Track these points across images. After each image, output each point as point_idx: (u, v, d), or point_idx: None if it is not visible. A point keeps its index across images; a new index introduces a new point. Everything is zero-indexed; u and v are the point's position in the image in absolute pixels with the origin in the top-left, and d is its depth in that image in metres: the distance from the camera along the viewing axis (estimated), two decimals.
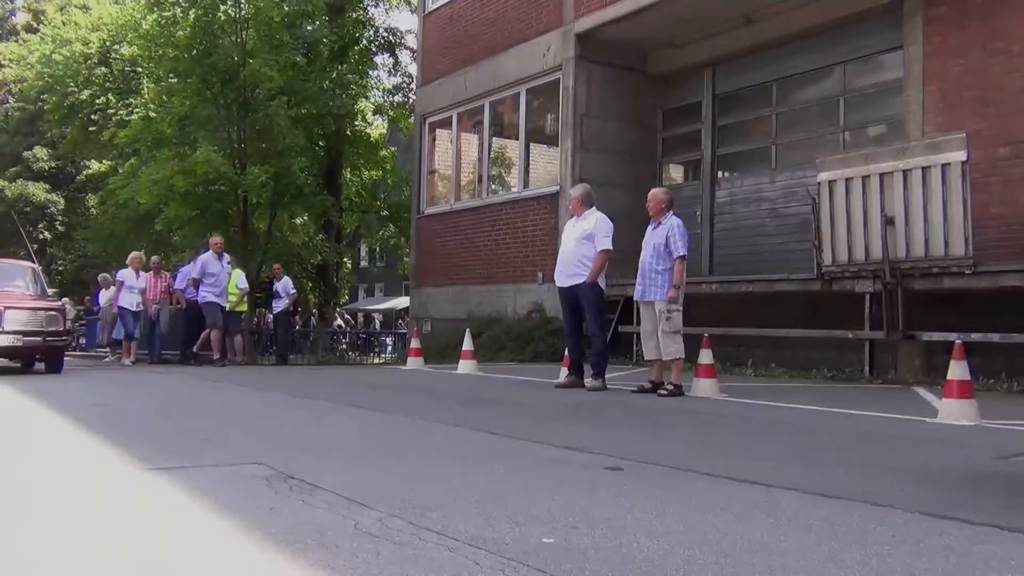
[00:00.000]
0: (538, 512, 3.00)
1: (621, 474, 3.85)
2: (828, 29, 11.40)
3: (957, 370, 5.82)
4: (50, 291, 11.74)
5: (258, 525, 2.77)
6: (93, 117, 24.40)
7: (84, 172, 31.88)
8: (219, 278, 13.54)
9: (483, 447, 4.78)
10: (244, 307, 15.25)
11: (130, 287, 13.97)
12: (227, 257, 14.01)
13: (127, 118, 21.63)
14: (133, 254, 14.77)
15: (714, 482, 3.67)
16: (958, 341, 6.12)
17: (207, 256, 13.61)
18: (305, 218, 24.78)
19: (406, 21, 51.00)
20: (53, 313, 10.23)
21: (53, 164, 37.15)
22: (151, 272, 14.40)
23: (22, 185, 37.62)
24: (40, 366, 10.91)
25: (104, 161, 26.59)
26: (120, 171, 21.92)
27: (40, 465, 4.06)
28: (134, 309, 13.95)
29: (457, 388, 8.71)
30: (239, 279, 14.28)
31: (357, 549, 2.50)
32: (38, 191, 38.04)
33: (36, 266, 12.11)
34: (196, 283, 13.56)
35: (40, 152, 36.99)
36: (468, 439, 5.11)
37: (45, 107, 26.86)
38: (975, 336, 8.37)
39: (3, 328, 9.66)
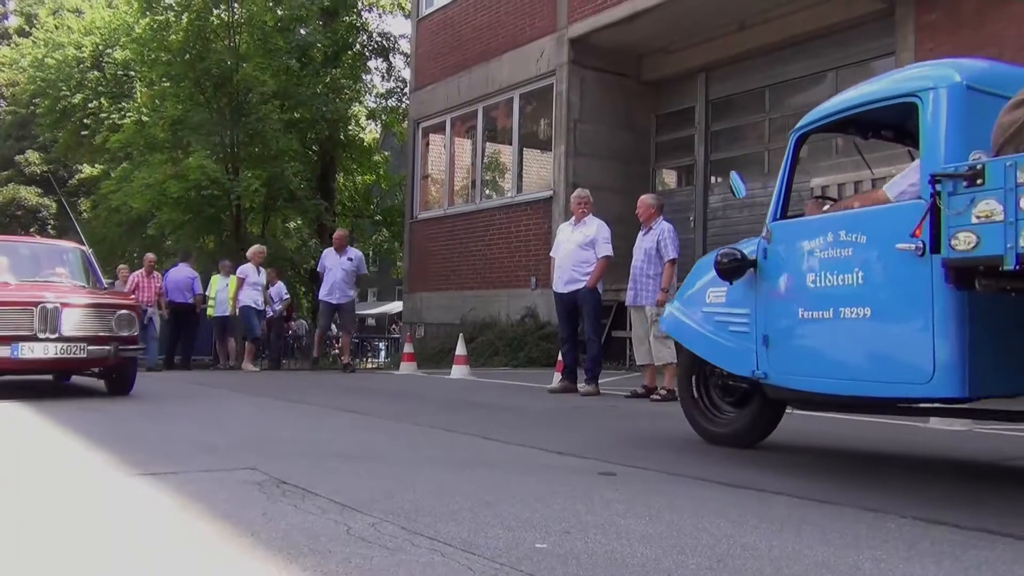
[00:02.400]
0: (531, 517, 3.00)
1: (614, 479, 3.84)
2: (820, 35, 11.45)
3: None
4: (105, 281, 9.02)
5: (250, 530, 2.76)
6: (86, 121, 24.35)
7: (76, 176, 31.80)
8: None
9: (476, 452, 4.77)
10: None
11: (253, 283, 13.07)
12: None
13: (120, 122, 21.59)
14: (254, 248, 13.78)
15: (707, 487, 3.67)
16: None
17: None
18: (298, 223, 24.75)
19: (400, 26, 50.93)
20: (125, 312, 7.48)
21: (45, 168, 37.04)
22: (142, 271, 13.74)
23: (14, 189, 37.49)
24: (83, 380, 8.63)
25: (97, 165, 26.53)
26: (113, 175, 21.88)
27: (28, 471, 4.04)
28: (258, 307, 13.14)
29: (450, 393, 8.70)
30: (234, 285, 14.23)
31: (350, 554, 2.49)
32: (30, 195, 37.92)
33: (86, 248, 9.14)
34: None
35: (32, 156, 36.88)
36: (461, 444, 5.10)
37: (37, 111, 26.80)
38: None
39: (60, 333, 7.01)
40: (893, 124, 3.99)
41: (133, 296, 10.59)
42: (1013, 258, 2.90)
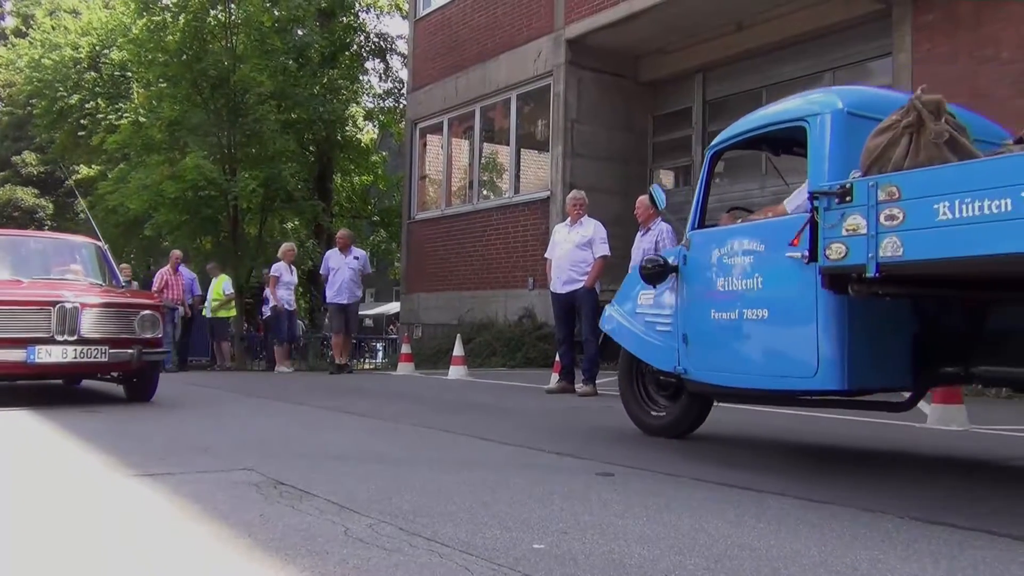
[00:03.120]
0: (529, 518, 3.00)
1: (612, 480, 3.85)
2: (818, 36, 11.46)
3: None
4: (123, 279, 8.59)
5: (247, 531, 2.76)
6: (82, 122, 24.31)
7: (73, 177, 31.77)
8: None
9: (474, 453, 4.77)
10: (232, 312, 15.19)
11: (286, 283, 12.74)
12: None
13: (116, 123, 21.56)
14: (286, 246, 13.42)
15: (705, 488, 3.67)
16: None
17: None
18: (296, 223, 24.72)
19: (397, 26, 51.00)
20: (149, 313, 7.00)
21: (42, 169, 36.98)
22: (168, 269, 13.37)
23: (11, 190, 37.43)
24: (91, 383, 8.18)
25: (93, 166, 26.49)
26: (110, 176, 21.84)
27: (25, 472, 4.04)
28: (290, 307, 12.88)
29: (448, 394, 8.70)
30: (224, 284, 14.22)
31: (347, 555, 2.49)
32: (27, 196, 37.85)
33: (102, 244, 8.59)
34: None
35: (29, 157, 36.82)
36: (458, 445, 5.10)
37: (34, 112, 26.75)
38: None
39: (80, 334, 6.54)
40: (799, 142, 4.26)
41: (157, 295, 10.22)
42: (874, 267, 3.33)
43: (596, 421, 6.37)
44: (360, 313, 12.88)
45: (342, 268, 11.86)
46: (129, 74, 22.23)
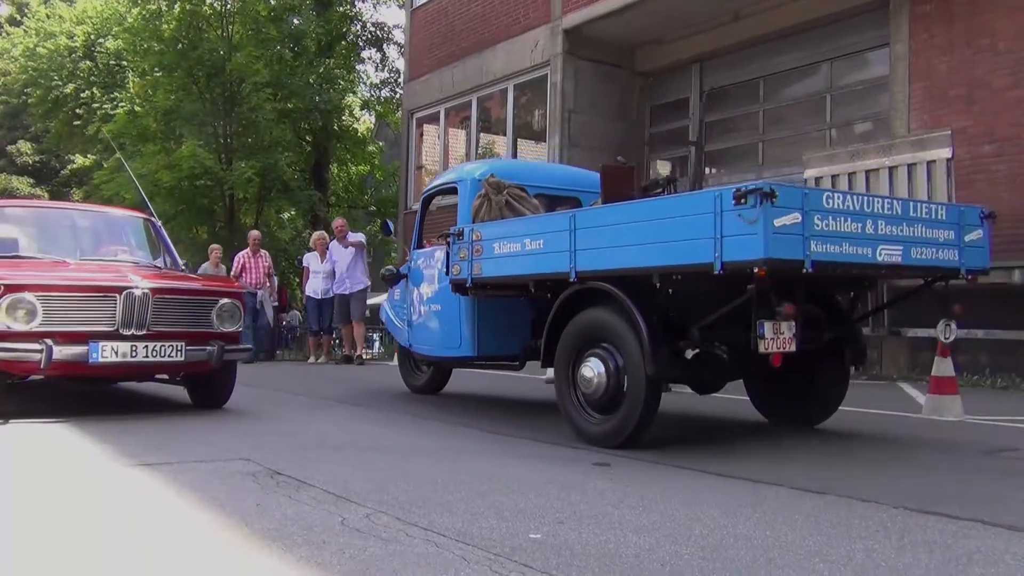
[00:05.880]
0: (525, 508, 3.00)
1: (608, 470, 3.86)
2: (815, 26, 11.42)
3: (941, 366, 5.88)
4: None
5: (245, 521, 2.76)
6: (78, 111, 24.21)
7: (68, 167, 31.67)
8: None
9: (470, 442, 4.78)
10: None
11: (315, 272, 12.19)
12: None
13: (112, 112, 21.49)
14: (316, 234, 12.81)
15: (701, 478, 3.68)
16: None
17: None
18: (292, 213, 24.67)
19: (394, 16, 50.72)
20: (228, 302, 5.84)
21: (37, 158, 36.87)
22: (247, 252, 12.49)
23: (5, 179, 37.32)
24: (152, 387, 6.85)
25: (89, 155, 26.40)
26: (105, 166, 21.77)
27: (24, 461, 4.04)
28: (317, 297, 12.21)
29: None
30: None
31: (344, 545, 2.49)
32: (22, 185, 37.74)
33: (155, 219, 7.46)
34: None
35: (24, 146, 36.70)
36: (455, 435, 5.11)
37: (29, 101, 26.65)
38: (959, 332, 8.42)
39: (147, 328, 5.38)
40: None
41: (235, 281, 9.30)
42: (470, 280, 5.47)
43: None
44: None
45: (341, 259, 11.84)
46: (124, 63, 22.15)
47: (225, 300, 5.82)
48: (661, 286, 4.30)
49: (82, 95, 23.87)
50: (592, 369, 4.54)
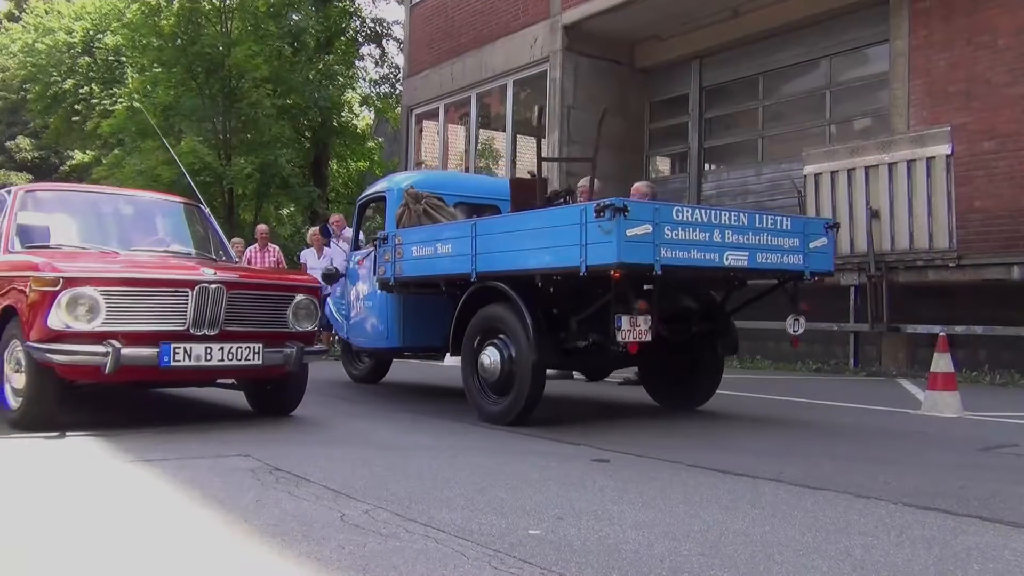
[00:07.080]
0: (524, 504, 3.01)
1: (607, 466, 3.86)
2: (814, 22, 11.41)
3: (941, 362, 5.89)
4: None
5: (244, 517, 2.77)
6: (76, 107, 24.16)
7: (68, 163, 31.63)
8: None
9: (469, 439, 4.78)
10: None
11: (312, 268, 11.42)
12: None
13: (111, 108, 21.45)
14: (313, 229, 12.34)
15: (700, 474, 3.69)
16: (941, 333, 6.18)
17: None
18: (291, 209, 24.65)
19: (393, 12, 50.70)
20: (304, 298, 5.29)
21: (36, 154, 36.83)
22: (255, 247, 12.10)
23: (4, 175, 37.29)
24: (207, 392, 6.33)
25: (88, 151, 26.37)
26: (104, 162, 21.74)
27: (23, 457, 4.04)
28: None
29: (443, 380, 8.70)
30: None
31: (344, 541, 2.50)
32: (20, 181, 37.71)
33: (204, 207, 6.84)
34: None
35: (23, 142, 36.66)
36: (454, 431, 5.11)
37: (28, 96, 26.58)
38: (958, 328, 8.44)
39: (220, 327, 4.83)
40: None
41: (306, 272, 8.90)
42: (392, 279, 6.16)
43: (592, 407, 6.39)
44: None
45: (337, 257, 11.75)
46: (123, 59, 22.09)
47: (301, 296, 5.26)
48: (543, 285, 5.02)
49: (81, 91, 23.82)
50: (489, 357, 5.29)
